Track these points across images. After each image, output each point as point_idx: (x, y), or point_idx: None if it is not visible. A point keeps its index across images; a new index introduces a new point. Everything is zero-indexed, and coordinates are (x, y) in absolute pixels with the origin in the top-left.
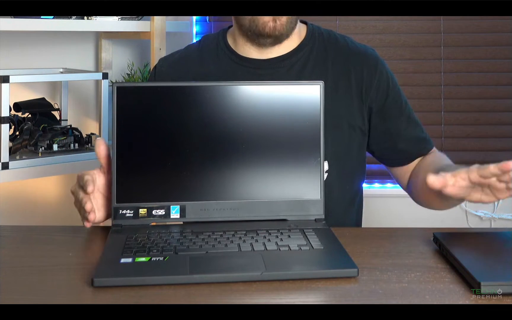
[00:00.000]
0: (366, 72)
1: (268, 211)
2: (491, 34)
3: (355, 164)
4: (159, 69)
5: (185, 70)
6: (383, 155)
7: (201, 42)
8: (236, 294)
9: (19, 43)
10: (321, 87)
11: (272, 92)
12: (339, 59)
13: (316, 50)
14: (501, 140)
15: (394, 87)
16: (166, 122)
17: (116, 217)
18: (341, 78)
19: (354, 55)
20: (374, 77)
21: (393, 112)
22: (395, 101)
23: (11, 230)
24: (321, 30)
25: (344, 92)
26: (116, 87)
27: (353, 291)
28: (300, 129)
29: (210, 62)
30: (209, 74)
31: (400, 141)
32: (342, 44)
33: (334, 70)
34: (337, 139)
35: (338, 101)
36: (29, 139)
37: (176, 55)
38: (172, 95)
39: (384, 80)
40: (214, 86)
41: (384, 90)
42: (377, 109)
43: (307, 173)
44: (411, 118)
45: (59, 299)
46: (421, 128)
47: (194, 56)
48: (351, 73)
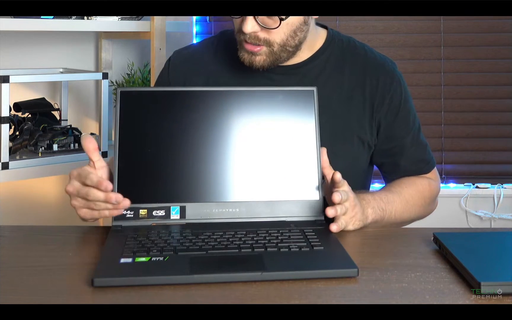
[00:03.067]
0: (381, 86)
1: (268, 212)
2: (491, 34)
3: (363, 177)
4: (173, 62)
5: (198, 67)
6: (381, 166)
7: (217, 38)
8: (236, 294)
9: (19, 43)
10: (314, 92)
11: (270, 96)
12: (355, 69)
13: (333, 58)
14: (501, 140)
15: (406, 105)
16: (167, 125)
17: (116, 217)
18: (356, 90)
19: (371, 67)
20: (387, 93)
21: (400, 132)
22: (404, 120)
23: (11, 230)
24: (340, 36)
25: (357, 104)
26: (120, 91)
27: (353, 291)
28: (297, 131)
29: (224, 61)
30: (221, 74)
31: (402, 160)
32: (360, 53)
33: (350, 80)
34: (347, 152)
35: (351, 113)
36: (29, 139)
37: (190, 49)
38: (174, 100)
39: (397, 98)
40: (215, 91)
41: (395, 108)
42: (385, 126)
43: (306, 174)
44: (417, 138)
45: (59, 299)
46: (426, 150)
47: (209, 52)
48: (366, 85)
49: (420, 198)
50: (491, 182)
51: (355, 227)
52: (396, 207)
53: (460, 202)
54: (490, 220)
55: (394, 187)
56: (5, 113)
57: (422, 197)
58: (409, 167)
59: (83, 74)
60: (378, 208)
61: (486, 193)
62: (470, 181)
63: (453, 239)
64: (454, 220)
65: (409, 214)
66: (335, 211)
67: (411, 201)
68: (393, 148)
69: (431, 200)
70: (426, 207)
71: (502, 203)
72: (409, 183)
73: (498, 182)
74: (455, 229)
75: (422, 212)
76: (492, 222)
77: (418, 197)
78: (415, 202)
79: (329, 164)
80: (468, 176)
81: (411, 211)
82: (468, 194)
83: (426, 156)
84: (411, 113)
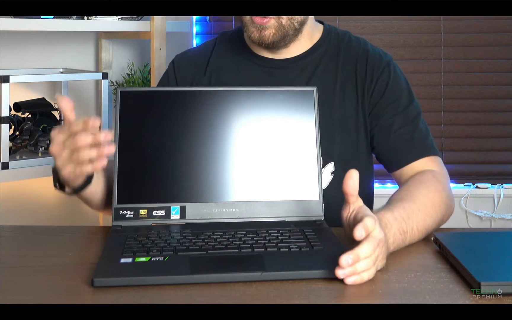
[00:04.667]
0: (369, 70)
1: (268, 212)
2: (491, 34)
3: (363, 166)
4: (179, 64)
5: (202, 68)
6: (379, 156)
7: (217, 39)
8: (236, 294)
9: (19, 43)
10: (314, 92)
11: (270, 96)
12: (348, 60)
13: (329, 51)
14: (501, 140)
15: (395, 86)
16: (167, 125)
17: (116, 217)
18: (349, 81)
19: (363, 56)
20: (376, 75)
21: (387, 111)
22: (391, 100)
23: (11, 230)
24: (337, 30)
25: (352, 94)
26: (120, 91)
27: (353, 291)
28: (297, 131)
29: (225, 59)
30: (223, 72)
31: (391, 137)
32: (354, 45)
33: (344, 72)
34: (345, 141)
35: (346, 103)
36: (29, 139)
37: (192, 52)
38: (174, 100)
39: (384, 79)
40: (214, 91)
41: (382, 88)
42: (373, 106)
43: (306, 174)
44: (411, 122)
45: (59, 299)
46: (423, 135)
47: (210, 53)
48: (357, 71)
49: (432, 193)
50: (491, 182)
51: (379, 268)
52: (417, 219)
53: (460, 202)
54: (490, 220)
55: (406, 193)
56: (5, 113)
57: (435, 191)
58: (401, 147)
59: (83, 74)
60: (398, 232)
61: (486, 193)
62: (470, 181)
63: (453, 239)
64: (454, 220)
65: (431, 217)
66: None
67: (427, 203)
68: (382, 127)
69: (445, 193)
70: (444, 201)
71: (502, 203)
72: (415, 184)
73: (498, 182)
74: (455, 229)
75: (442, 210)
76: (492, 222)
77: (429, 193)
78: (432, 202)
79: (357, 192)
80: (468, 176)
81: (431, 213)
82: (468, 194)
83: (423, 140)
84: (402, 96)
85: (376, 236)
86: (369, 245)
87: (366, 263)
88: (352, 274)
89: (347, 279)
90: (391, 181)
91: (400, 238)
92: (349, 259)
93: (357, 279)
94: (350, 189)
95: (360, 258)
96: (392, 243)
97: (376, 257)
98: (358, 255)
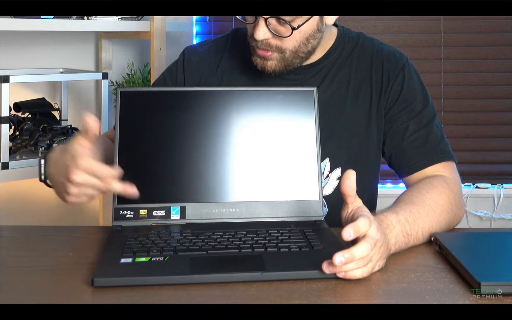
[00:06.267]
0: (385, 73)
1: (268, 212)
2: (491, 34)
3: (370, 170)
4: (189, 59)
5: (213, 66)
6: (390, 160)
7: (231, 36)
8: (236, 294)
9: (19, 43)
10: (314, 92)
11: (270, 96)
12: (362, 63)
13: (343, 56)
14: (501, 140)
15: (409, 89)
16: (167, 125)
17: (116, 218)
18: (363, 84)
19: (378, 58)
20: (392, 78)
21: (401, 116)
22: (405, 104)
23: (11, 230)
24: (351, 33)
25: (365, 98)
26: (120, 91)
27: (353, 291)
28: (297, 131)
29: (237, 60)
30: (235, 72)
31: (404, 143)
32: (368, 46)
33: (357, 76)
34: (354, 147)
35: (358, 108)
36: (29, 139)
37: (204, 47)
38: (174, 100)
39: (399, 83)
40: (215, 91)
41: (397, 92)
42: (388, 110)
43: (306, 175)
44: (425, 126)
45: (59, 299)
46: (438, 139)
47: (222, 51)
48: (372, 76)
49: (443, 199)
50: (491, 182)
51: (378, 268)
52: (423, 224)
53: None
54: (490, 220)
55: (415, 196)
56: (5, 113)
57: (446, 198)
58: (414, 153)
59: (83, 74)
60: (402, 234)
61: (486, 193)
62: (470, 181)
63: (453, 239)
64: None
65: (438, 223)
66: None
67: (436, 208)
68: (395, 132)
69: (455, 201)
70: (453, 209)
71: (502, 203)
72: (427, 187)
73: (498, 182)
74: (455, 229)
75: (450, 217)
76: (492, 222)
77: (440, 199)
78: (441, 208)
79: (355, 192)
80: (468, 176)
81: (438, 219)
82: (468, 194)
83: (437, 145)
84: (416, 99)
85: (373, 236)
86: (365, 245)
87: (356, 263)
88: (339, 271)
89: (338, 273)
90: (391, 181)
91: (403, 240)
92: (343, 258)
93: (349, 275)
94: (347, 189)
95: (355, 258)
96: (393, 244)
97: (370, 258)
98: (353, 255)
